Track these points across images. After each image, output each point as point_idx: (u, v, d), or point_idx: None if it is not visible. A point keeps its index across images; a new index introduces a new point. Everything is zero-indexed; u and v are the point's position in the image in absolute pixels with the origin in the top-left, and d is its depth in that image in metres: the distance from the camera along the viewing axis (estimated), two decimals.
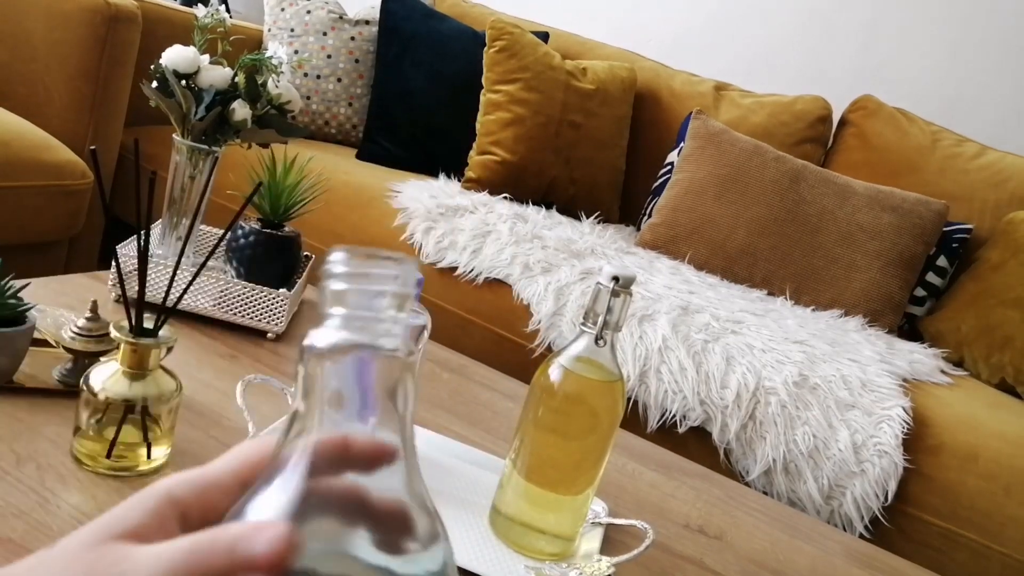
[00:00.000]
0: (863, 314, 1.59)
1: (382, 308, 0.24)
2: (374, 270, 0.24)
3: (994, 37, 2.02)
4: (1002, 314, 1.52)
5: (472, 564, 0.61)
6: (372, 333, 0.24)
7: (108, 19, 1.41)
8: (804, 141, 1.92)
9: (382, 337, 0.24)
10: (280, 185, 0.95)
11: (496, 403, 0.98)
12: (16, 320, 0.64)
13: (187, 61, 0.91)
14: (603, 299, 0.61)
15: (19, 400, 0.64)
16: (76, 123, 1.45)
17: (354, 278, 0.24)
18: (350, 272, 0.24)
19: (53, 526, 0.51)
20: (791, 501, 1.16)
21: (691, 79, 2.07)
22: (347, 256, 0.24)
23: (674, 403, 1.19)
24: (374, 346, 0.24)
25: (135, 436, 0.59)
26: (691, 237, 1.67)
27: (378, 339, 0.24)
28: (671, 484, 0.90)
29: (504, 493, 0.67)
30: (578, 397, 0.64)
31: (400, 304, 0.25)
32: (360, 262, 0.24)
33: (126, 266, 0.89)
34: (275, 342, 0.93)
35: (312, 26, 1.96)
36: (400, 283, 0.25)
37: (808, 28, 2.21)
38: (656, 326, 1.24)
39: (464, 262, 1.37)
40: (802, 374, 1.21)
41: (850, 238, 1.63)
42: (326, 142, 1.96)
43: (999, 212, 1.73)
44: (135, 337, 0.57)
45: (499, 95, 1.77)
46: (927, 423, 1.21)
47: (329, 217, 1.48)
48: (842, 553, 0.87)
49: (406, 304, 0.25)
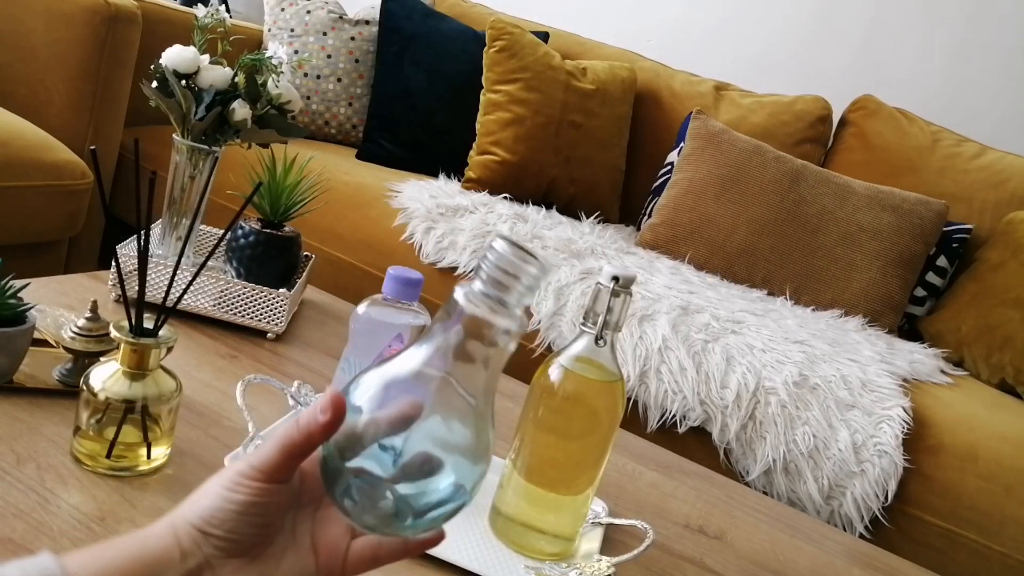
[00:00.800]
0: (863, 314, 1.59)
1: (514, 299, 0.35)
2: (523, 264, 0.35)
3: (994, 37, 2.02)
4: (1002, 314, 1.52)
5: (472, 564, 0.61)
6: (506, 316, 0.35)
7: (108, 19, 1.41)
8: (804, 141, 1.92)
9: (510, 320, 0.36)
10: (280, 185, 0.95)
11: (496, 403, 0.98)
12: (16, 320, 0.64)
13: (187, 61, 0.90)
14: (603, 299, 0.61)
15: (19, 400, 0.64)
16: (76, 123, 1.45)
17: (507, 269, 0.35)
18: (508, 260, 0.35)
19: (53, 526, 0.51)
20: (791, 501, 1.16)
21: (691, 79, 2.07)
22: (507, 245, 0.35)
23: (674, 403, 1.19)
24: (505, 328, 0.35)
25: (135, 436, 0.59)
26: (691, 237, 1.67)
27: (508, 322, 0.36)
28: (671, 484, 0.90)
29: (504, 493, 0.67)
30: (578, 397, 0.64)
31: (529, 294, 0.35)
32: (515, 254, 0.35)
33: (126, 266, 0.89)
34: (275, 342, 0.93)
35: (312, 26, 1.96)
36: (533, 279, 0.35)
37: (808, 28, 2.21)
38: (656, 326, 1.24)
39: (464, 262, 1.37)
40: (802, 374, 1.21)
41: (850, 238, 1.63)
42: (326, 142, 1.96)
43: (999, 212, 1.73)
44: (135, 337, 0.57)
45: (499, 95, 1.77)
46: (927, 423, 1.21)
47: (329, 217, 1.48)
48: (842, 553, 0.87)
49: (533, 295, 0.35)
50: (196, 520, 0.35)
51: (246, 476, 0.35)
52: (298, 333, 0.98)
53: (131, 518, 0.54)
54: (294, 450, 0.35)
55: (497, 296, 0.35)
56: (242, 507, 0.35)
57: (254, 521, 0.35)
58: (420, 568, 0.60)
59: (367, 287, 1.42)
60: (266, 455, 0.35)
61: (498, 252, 0.35)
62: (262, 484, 0.35)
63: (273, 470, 0.35)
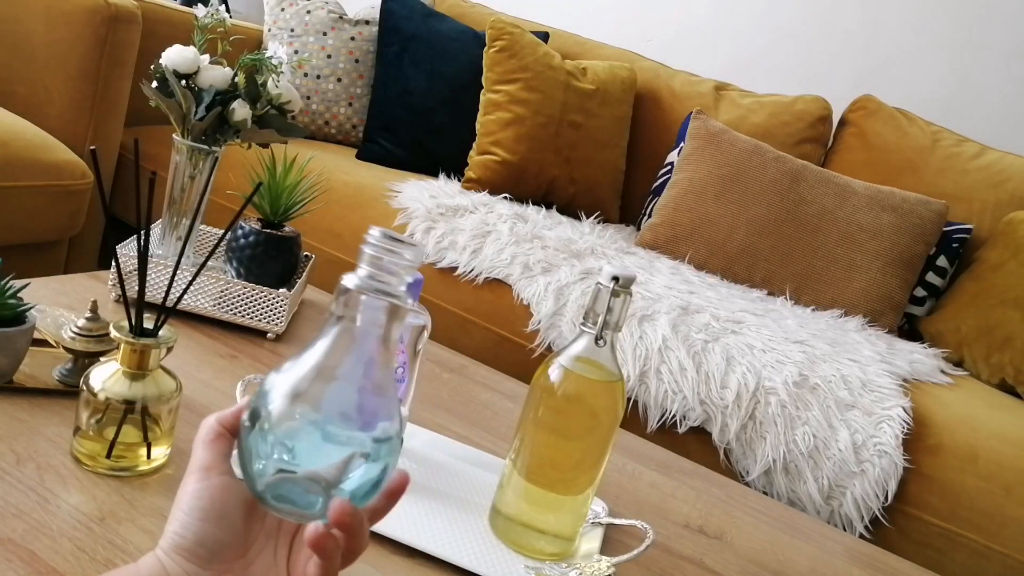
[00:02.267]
0: (863, 314, 1.59)
1: (399, 273, 0.37)
2: (397, 247, 0.37)
3: (994, 37, 2.02)
4: (1002, 314, 1.52)
5: (472, 564, 0.61)
6: (391, 286, 0.38)
7: (108, 19, 1.41)
8: (804, 141, 1.92)
9: (397, 288, 0.38)
10: (280, 185, 0.95)
11: (496, 403, 0.98)
12: (16, 320, 0.64)
13: (187, 61, 0.91)
14: (603, 299, 0.61)
15: (19, 400, 0.64)
16: (76, 123, 1.45)
17: (384, 249, 0.37)
18: (382, 245, 0.37)
19: (53, 526, 0.51)
20: (791, 501, 1.16)
21: (691, 79, 2.07)
22: (381, 233, 0.38)
23: (674, 403, 1.19)
24: (391, 293, 0.38)
25: (135, 436, 0.59)
26: (691, 237, 1.67)
27: (395, 290, 0.38)
28: (671, 484, 0.90)
29: (504, 493, 0.67)
30: (578, 397, 0.64)
31: (408, 272, 0.37)
32: (390, 241, 0.38)
33: (126, 266, 0.89)
34: (275, 342, 0.93)
35: (312, 26, 1.96)
36: (412, 258, 0.38)
37: (808, 28, 2.21)
38: (656, 326, 1.24)
39: (464, 262, 1.37)
40: (802, 374, 1.21)
41: (850, 238, 1.63)
42: (326, 142, 1.96)
43: (999, 212, 1.73)
44: (135, 337, 0.57)
45: (499, 95, 1.77)
46: (927, 423, 1.21)
47: (329, 217, 1.48)
48: (842, 553, 0.87)
49: (410, 273, 0.38)
50: (170, 543, 0.38)
51: (191, 481, 0.39)
52: (298, 333, 0.98)
53: (131, 518, 0.54)
54: (212, 437, 0.40)
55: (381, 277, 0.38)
56: (201, 512, 0.38)
57: (218, 523, 0.38)
58: (420, 568, 0.60)
59: None
60: (196, 456, 0.40)
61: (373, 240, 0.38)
62: (203, 483, 0.38)
63: (207, 464, 0.39)
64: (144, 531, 0.53)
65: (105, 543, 0.51)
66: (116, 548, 0.51)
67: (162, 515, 0.55)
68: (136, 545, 0.52)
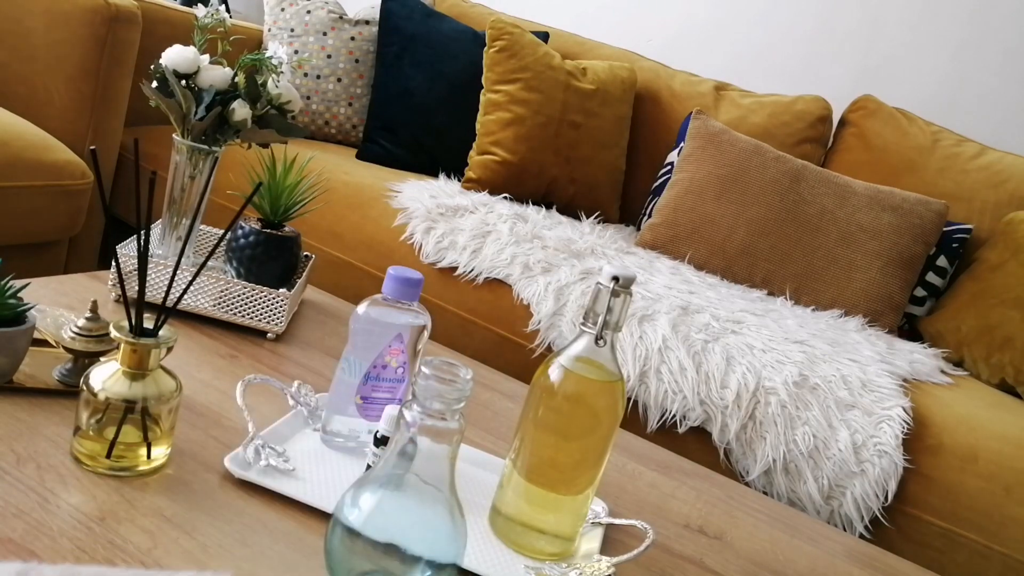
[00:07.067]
0: (863, 314, 1.59)
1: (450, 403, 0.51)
2: (448, 376, 0.50)
3: (994, 37, 2.02)
4: (1002, 314, 1.52)
5: (472, 564, 0.61)
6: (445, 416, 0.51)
7: (108, 19, 1.41)
8: (804, 141, 1.92)
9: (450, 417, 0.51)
10: (280, 185, 0.95)
11: (496, 403, 0.98)
12: (16, 320, 0.64)
13: (187, 61, 0.91)
14: (603, 299, 0.61)
15: (19, 400, 0.64)
16: (76, 123, 1.45)
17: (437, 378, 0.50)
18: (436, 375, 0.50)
19: (53, 526, 0.51)
20: (791, 501, 1.16)
21: (691, 79, 2.07)
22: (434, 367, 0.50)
23: (674, 403, 1.19)
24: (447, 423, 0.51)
25: (135, 436, 0.59)
26: (691, 237, 1.67)
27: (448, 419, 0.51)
28: (671, 484, 0.90)
29: (504, 493, 0.67)
30: (578, 397, 0.64)
31: (458, 401, 0.50)
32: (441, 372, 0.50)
33: (126, 266, 0.89)
34: (275, 342, 0.93)
35: (312, 26, 1.96)
36: (460, 389, 0.50)
37: (808, 28, 2.21)
38: (656, 326, 1.24)
39: (464, 262, 1.37)
40: (802, 374, 1.21)
41: (850, 238, 1.63)
42: (326, 142, 1.96)
43: (999, 212, 1.73)
44: (135, 337, 0.57)
45: (499, 95, 1.77)
46: (927, 423, 1.21)
47: (329, 217, 1.48)
48: (842, 553, 0.87)
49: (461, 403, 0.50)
50: None
51: None
52: (298, 333, 0.98)
53: (131, 518, 0.54)
54: None
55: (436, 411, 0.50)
56: None
57: None
58: None
59: (367, 287, 1.42)
60: None
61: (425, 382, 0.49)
62: None
63: None
64: (144, 531, 0.53)
65: (105, 543, 0.51)
66: (116, 548, 0.51)
67: (162, 515, 0.55)
68: (136, 545, 0.52)
